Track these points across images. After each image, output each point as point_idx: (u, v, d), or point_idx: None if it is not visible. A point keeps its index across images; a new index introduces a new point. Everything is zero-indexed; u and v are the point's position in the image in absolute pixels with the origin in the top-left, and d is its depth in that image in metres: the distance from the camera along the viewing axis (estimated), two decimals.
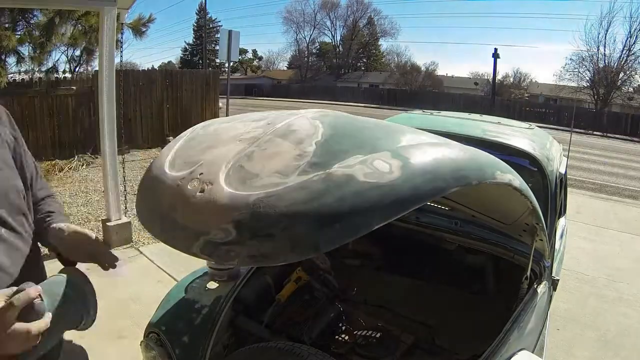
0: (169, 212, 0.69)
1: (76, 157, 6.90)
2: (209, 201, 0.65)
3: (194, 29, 44.54)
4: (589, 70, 26.83)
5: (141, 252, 3.73)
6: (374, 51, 44.13)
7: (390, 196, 0.62)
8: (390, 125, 0.90)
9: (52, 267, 0.93)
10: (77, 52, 8.63)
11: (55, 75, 8.00)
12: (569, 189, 3.32)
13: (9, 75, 7.41)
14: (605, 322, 2.99)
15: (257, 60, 50.14)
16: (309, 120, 0.84)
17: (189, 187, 0.69)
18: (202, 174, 0.71)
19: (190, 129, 0.93)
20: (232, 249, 0.60)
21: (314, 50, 45.09)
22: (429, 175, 0.68)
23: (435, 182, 0.68)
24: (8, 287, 0.70)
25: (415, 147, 0.74)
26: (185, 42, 46.51)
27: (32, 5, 5.59)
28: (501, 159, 0.98)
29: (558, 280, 1.85)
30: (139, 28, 8.21)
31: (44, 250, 1.00)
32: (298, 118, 0.85)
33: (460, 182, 0.73)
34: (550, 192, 2.01)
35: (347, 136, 0.77)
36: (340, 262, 2.14)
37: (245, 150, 0.75)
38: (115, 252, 3.60)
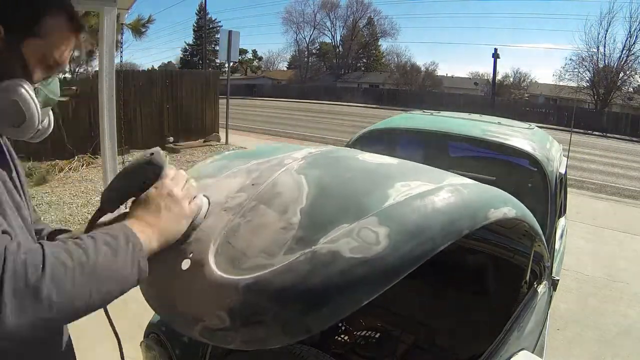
0: (168, 296, 0.71)
1: (76, 157, 6.90)
2: (202, 286, 0.67)
3: (194, 29, 44.62)
4: (588, 71, 26.87)
5: None
6: (374, 51, 44.15)
7: (377, 270, 0.62)
8: (379, 172, 0.87)
9: None
10: (77, 53, 8.62)
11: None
12: (569, 189, 3.32)
13: None
14: (605, 322, 2.99)
15: (257, 60, 50.18)
16: (294, 176, 0.83)
17: (182, 267, 0.70)
18: (192, 253, 0.71)
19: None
20: (228, 335, 0.62)
21: (313, 51, 45.12)
22: (417, 240, 0.67)
23: (423, 246, 0.67)
24: None
25: (403, 205, 0.72)
26: (185, 42, 46.57)
27: None
28: (501, 159, 0.97)
29: (558, 280, 1.85)
30: (139, 28, 8.22)
31: None
32: (283, 173, 0.84)
33: (450, 238, 0.72)
34: (550, 192, 2.01)
35: (333, 196, 0.77)
36: None
37: (231, 222, 0.74)
38: None
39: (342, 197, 0.76)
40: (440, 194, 0.78)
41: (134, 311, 2.61)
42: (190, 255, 0.71)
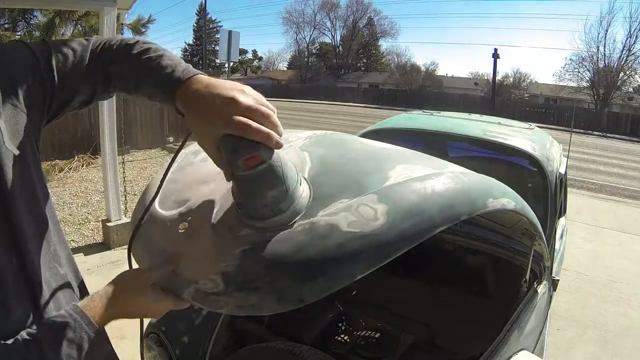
0: (161, 256, 0.70)
1: (76, 157, 6.90)
2: (197, 250, 0.67)
3: (194, 30, 44.63)
4: (588, 71, 26.92)
5: None
6: (374, 51, 44.17)
7: (374, 246, 0.62)
8: (382, 153, 0.88)
9: None
10: None
11: None
12: (569, 189, 3.33)
13: None
14: (605, 322, 2.99)
15: (257, 60, 50.20)
16: (298, 152, 0.83)
17: (179, 230, 0.70)
18: (190, 218, 0.72)
19: (182, 154, 0.90)
20: (221, 299, 0.61)
21: (313, 51, 45.13)
22: (415, 219, 0.67)
23: (421, 225, 0.68)
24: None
25: (403, 185, 0.72)
26: (185, 42, 46.65)
27: (32, 5, 5.59)
28: (501, 159, 0.98)
29: (558, 280, 1.86)
30: (139, 28, 8.21)
31: None
32: (286, 149, 0.84)
33: (448, 221, 0.72)
34: (550, 192, 2.01)
35: (335, 173, 0.77)
36: None
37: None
38: (116, 252, 3.62)
39: (343, 175, 0.76)
40: (441, 179, 0.78)
41: None
42: (189, 219, 0.71)
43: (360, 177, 0.75)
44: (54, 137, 7.02)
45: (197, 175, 0.81)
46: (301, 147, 0.85)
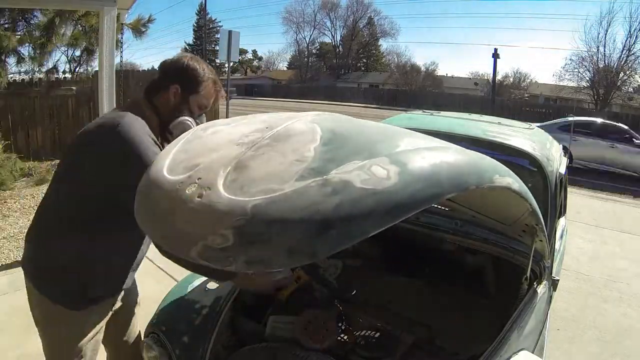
0: (167, 217, 0.70)
1: None
2: (207, 207, 0.66)
3: (194, 29, 44.67)
4: (588, 71, 26.84)
5: None
6: (374, 51, 44.16)
7: (386, 203, 0.63)
8: (389, 128, 0.91)
9: None
10: (78, 53, 8.61)
11: (56, 76, 8.01)
12: (569, 189, 3.33)
13: (9, 76, 7.42)
14: (605, 322, 2.99)
15: (257, 60, 50.21)
16: (308, 124, 0.84)
17: (187, 191, 0.70)
18: (200, 178, 0.71)
19: (190, 130, 0.93)
20: (230, 255, 0.61)
21: (314, 51, 45.12)
22: (426, 181, 0.68)
23: (432, 188, 0.69)
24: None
25: (414, 152, 0.74)
26: (185, 42, 46.61)
27: (32, 5, 5.59)
28: (501, 159, 0.98)
29: (558, 280, 1.85)
30: (139, 28, 8.21)
31: None
32: (297, 122, 0.86)
33: (457, 188, 0.74)
34: (550, 193, 2.01)
35: (346, 140, 0.78)
36: (341, 262, 2.14)
37: (244, 154, 0.75)
38: None
39: (354, 142, 0.77)
40: (450, 150, 0.80)
41: None
42: (198, 180, 0.71)
43: (370, 144, 0.76)
44: (54, 137, 7.01)
45: (208, 145, 0.83)
46: (311, 120, 0.87)
